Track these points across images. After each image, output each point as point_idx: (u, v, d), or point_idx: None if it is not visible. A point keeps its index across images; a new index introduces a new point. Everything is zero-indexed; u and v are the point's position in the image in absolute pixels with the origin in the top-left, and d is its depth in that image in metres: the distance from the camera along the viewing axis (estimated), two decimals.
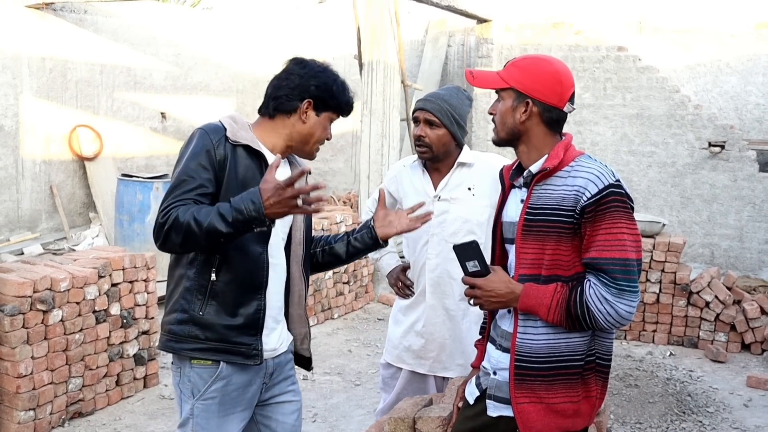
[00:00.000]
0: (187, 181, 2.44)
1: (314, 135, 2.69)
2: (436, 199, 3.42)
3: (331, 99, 2.67)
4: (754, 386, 6.04)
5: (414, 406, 3.02)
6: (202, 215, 2.32)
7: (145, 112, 11.27)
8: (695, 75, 12.31)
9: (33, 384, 4.65)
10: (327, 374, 6.04)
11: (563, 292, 2.27)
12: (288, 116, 2.66)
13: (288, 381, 2.82)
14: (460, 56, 13.02)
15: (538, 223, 2.31)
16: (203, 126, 2.59)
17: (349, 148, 12.98)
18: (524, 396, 2.32)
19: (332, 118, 2.72)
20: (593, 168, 2.28)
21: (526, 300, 2.31)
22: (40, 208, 10.07)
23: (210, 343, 2.55)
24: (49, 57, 9.97)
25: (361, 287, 8.12)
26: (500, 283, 2.34)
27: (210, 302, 2.55)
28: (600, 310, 2.22)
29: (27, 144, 9.82)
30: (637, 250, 2.25)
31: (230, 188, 2.50)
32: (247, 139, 2.57)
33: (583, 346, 2.32)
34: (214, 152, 2.50)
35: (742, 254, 10.12)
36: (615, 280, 2.21)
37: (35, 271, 4.84)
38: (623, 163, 10.65)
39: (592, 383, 2.35)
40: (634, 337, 7.23)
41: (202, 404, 2.58)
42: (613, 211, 2.22)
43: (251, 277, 2.57)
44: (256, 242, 2.56)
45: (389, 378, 3.67)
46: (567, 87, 2.35)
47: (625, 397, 5.63)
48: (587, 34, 10.86)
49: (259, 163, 2.59)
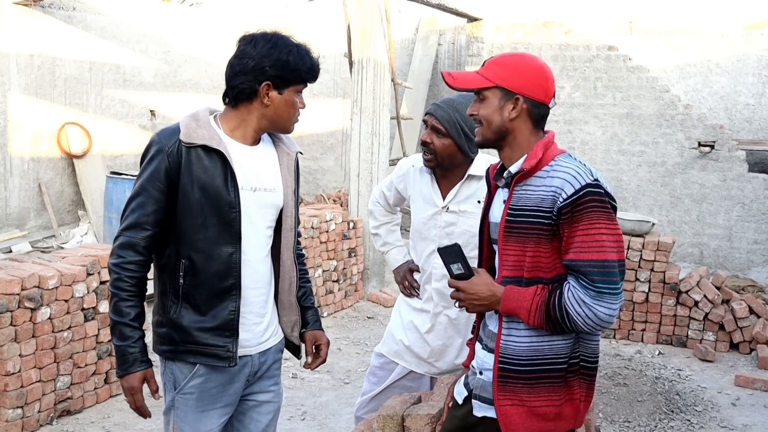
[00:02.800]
0: (140, 202, 2.50)
1: (282, 115, 2.60)
2: (445, 210, 3.36)
3: (290, 73, 2.55)
4: (742, 385, 6.06)
5: (403, 404, 3.01)
6: (118, 308, 2.50)
7: (135, 109, 11.23)
8: (685, 75, 12.36)
9: (21, 382, 4.62)
10: (316, 372, 6.02)
11: (543, 294, 2.24)
12: (250, 102, 2.58)
13: (271, 381, 2.79)
14: (450, 55, 13.03)
15: (518, 225, 2.28)
16: (159, 132, 2.57)
17: (339, 146, 12.97)
18: (507, 398, 2.30)
19: (298, 89, 2.60)
20: (570, 168, 2.24)
21: (507, 303, 2.29)
22: (29, 206, 10.02)
23: (185, 345, 2.56)
24: (38, 54, 9.92)
25: (350, 285, 8.11)
26: (482, 286, 2.33)
27: (183, 305, 2.55)
28: (578, 313, 2.18)
29: (15, 141, 9.77)
30: (618, 251, 2.20)
31: (187, 194, 2.50)
32: (204, 138, 2.50)
33: (567, 349, 2.29)
34: (168, 160, 2.48)
35: (731, 254, 10.16)
36: (593, 283, 2.17)
37: (23, 269, 4.81)
38: (613, 163, 10.68)
39: (576, 386, 2.32)
40: (623, 336, 7.24)
41: (182, 398, 2.61)
42: (591, 212, 2.18)
43: (221, 280, 2.54)
44: (225, 242, 2.53)
45: (378, 368, 3.62)
46: (551, 82, 2.34)
47: (614, 396, 5.64)
48: (578, 33, 10.88)
49: (221, 161, 2.52)
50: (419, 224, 3.45)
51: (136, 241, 2.49)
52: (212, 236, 2.51)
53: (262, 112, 2.58)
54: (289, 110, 2.60)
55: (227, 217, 2.52)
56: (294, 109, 2.61)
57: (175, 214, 2.52)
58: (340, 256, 7.90)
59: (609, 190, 2.25)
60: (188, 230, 2.51)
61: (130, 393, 2.53)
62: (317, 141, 13.17)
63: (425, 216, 3.42)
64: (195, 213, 2.50)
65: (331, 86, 13.07)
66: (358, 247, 8.19)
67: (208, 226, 2.51)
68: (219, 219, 2.51)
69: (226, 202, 2.51)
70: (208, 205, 2.50)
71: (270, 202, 2.66)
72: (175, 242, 2.54)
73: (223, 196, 2.50)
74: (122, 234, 2.51)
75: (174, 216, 2.52)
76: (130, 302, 2.50)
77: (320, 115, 13.01)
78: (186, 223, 2.51)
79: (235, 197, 2.52)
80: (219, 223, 2.52)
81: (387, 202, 3.72)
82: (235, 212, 2.53)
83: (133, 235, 2.49)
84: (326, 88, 13.07)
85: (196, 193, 2.49)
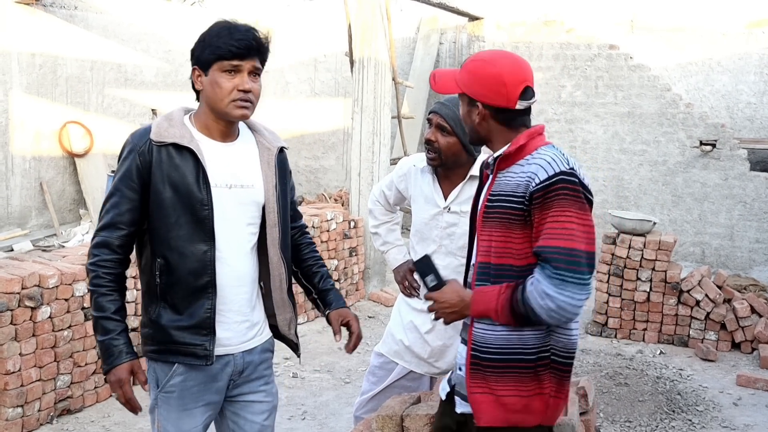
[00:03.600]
0: (114, 202, 2.51)
1: (212, 97, 2.50)
2: (446, 210, 3.35)
3: (207, 51, 2.48)
4: (744, 385, 6.05)
5: (402, 404, 3.01)
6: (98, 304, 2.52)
7: (136, 108, 11.23)
8: (687, 73, 12.34)
9: (21, 381, 4.62)
10: (317, 372, 6.03)
11: (507, 293, 2.23)
12: (198, 93, 2.59)
13: (261, 380, 2.76)
14: (451, 54, 13.00)
15: (495, 210, 2.29)
16: (133, 133, 2.58)
17: (341, 145, 12.96)
18: (477, 386, 2.30)
19: (224, 67, 2.47)
20: (547, 155, 2.25)
21: (475, 306, 2.29)
22: (30, 205, 10.03)
23: (164, 345, 2.57)
24: (39, 53, 9.92)
25: (351, 285, 8.11)
26: (451, 293, 2.35)
27: (161, 304, 2.56)
28: (541, 306, 2.16)
29: (17, 140, 9.77)
30: (587, 242, 2.18)
31: (158, 192, 2.50)
32: (175, 137, 2.49)
33: (536, 341, 2.27)
34: (139, 159, 2.49)
35: (733, 253, 10.14)
36: (557, 270, 2.14)
37: (23, 268, 4.81)
38: (614, 162, 10.67)
39: (546, 380, 2.29)
40: (625, 335, 7.24)
41: (164, 396, 2.61)
42: (561, 199, 2.17)
43: (195, 278, 2.52)
44: (199, 240, 2.52)
45: (377, 368, 3.62)
46: (513, 86, 2.30)
47: (615, 396, 5.63)
48: (579, 32, 10.86)
49: (193, 159, 2.50)
50: (420, 224, 3.44)
51: (110, 240, 2.51)
52: (185, 234, 2.50)
53: (204, 100, 2.56)
54: (215, 90, 2.49)
55: (199, 215, 2.50)
56: (221, 89, 2.48)
57: (149, 214, 2.53)
58: (341, 255, 7.89)
59: (585, 182, 2.25)
60: (161, 229, 2.51)
61: (118, 386, 2.51)
62: (318, 140, 13.17)
63: (426, 216, 3.41)
64: (167, 212, 2.50)
65: (332, 85, 13.06)
66: (359, 247, 8.19)
67: (180, 224, 2.50)
68: (191, 217, 2.50)
69: (198, 200, 2.49)
70: (180, 203, 2.49)
71: (249, 199, 2.63)
72: (151, 242, 2.55)
73: (194, 193, 2.49)
74: (98, 234, 2.53)
75: (149, 216, 2.53)
76: (110, 296, 2.52)
77: (321, 114, 13.02)
78: (159, 222, 2.51)
79: (206, 195, 2.50)
80: (192, 221, 2.50)
81: (387, 201, 3.70)
82: (207, 210, 2.50)
83: (107, 235, 2.51)
84: (327, 87, 13.07)
85: (167, 191, 2.49)
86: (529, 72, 2.35)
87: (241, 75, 2.50)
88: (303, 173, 13.29)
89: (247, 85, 2.50)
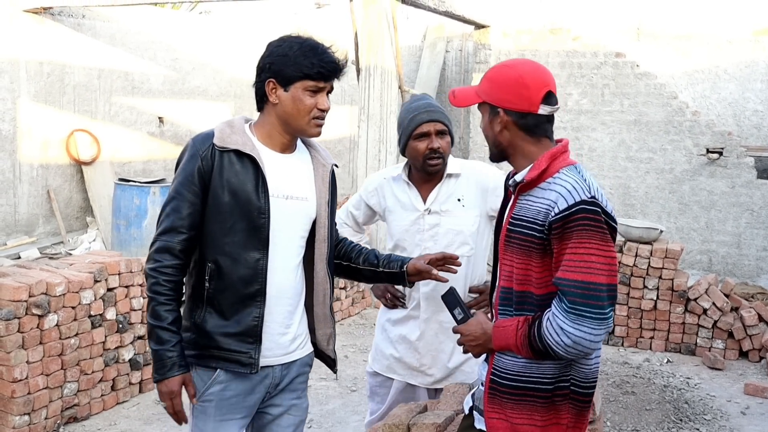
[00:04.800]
0: (175, 206, 2.51)
1: (292, 113, 2.55)
2: (427, 212, 3.34)
3: (291, 68, 2.50)
4: (752, 394, 6.02)
5: (408, 413, 3.00)
6: (156, 312, 2.48)
7: (143, 116, 11.26)
8: (693, 81, 12.33)
9: (28, 388, 4.63)
10: (323, 380, 6.02)
11: (524, 329, 2.19)
12: (266, 103, 2.59)
13: (294, 394, 2.74)
14: (458, 62, 13.03)
15: (516, 235, 2.23)
16: (195, 136, 2.59)
17: (347, 153, 12.98)
18: (494, 411, 2.27)
19: (308, 86, 2.53)
20: (569, 181, 2.15)
21: (496, 341, 2.27)
22: (38, 213, 10.05)
23: (207, 350, 2.55)
24: (47, 61, 9.96)
25: (357, 292, 8.11)
26: (476, 326, 2.34)
27: (207, 309, 2.54)
28: (558, 343, 2.10)
29: (24, 148, 9.80)
30: (609, 274, 2.09)
31: (217, 197, 2.51)
32: (237, 144, 2.52)
33: (554, 371, 2.21)
34: (202, 163, 2.50)
35: (740, 261, 10.11)
36: (574, 305, 2.07)
37: (31, 276, 4.82)
38: (621, 170, 10.66)
39: (564, 410, 2.23)
40: (632, 343, 7.22)
41: (200, 406, 2.58)
42: (582, 230, 2.09)
43: (246, 285, 2.52)
44: (252, 248, 2.52)
45: (377, 386, 3.60)
46: (536, 89, 2.23)
47: (622, 404, 5.61)
48: (585, 40, 10.86)
49: (253, 167, 2.52)
50: (401, 233, 3.41)
51: (172, 245, 2.49)
52: (240, 240, 2.51)
53: (276, 113, 2.57)
54: (297, 107, 2.54)
55: (256, 223, 2.51)
56: (303, 106, 2.54)
57: (204, 218, 2.53)
58: None
59: (608, 209, 2.16)
60: (216, 233, 2.52)
61: (168, 397, 2.49)
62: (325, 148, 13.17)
63: (407, 223, 3.39)
64: (224, 216, 2.51)
65: (339, 93, 13.08)
66: None
67: (236, 230, 2.51)
68: (248, 224, 2.51)
69: (256, 208, 2.51)
70: (237, 209, 2.50)
71: (302, 212, 2.64)
72: (202, 245, 2.55)
73: (253, 201, 2.50)
74: (158, 239, 2.52)
75: (203, 219, 2.53)
76: (168, 306, 2.48)
77: (328, 122, 12.92)
78: (214, 226, 2.52)
79: (264, 203, 2.52)
80: (247, 228, 2.51)
81: (355, 222, 3.68)
82: (264, 218, 2.52)
83: (169, 239, 2.49)
84: (333, 95, 12.94)
85: (226, 196, 2.49)
86: (550, 77, 2.29)
87: (321, 94, 2.58)
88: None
89: (327, 104, 2.59)
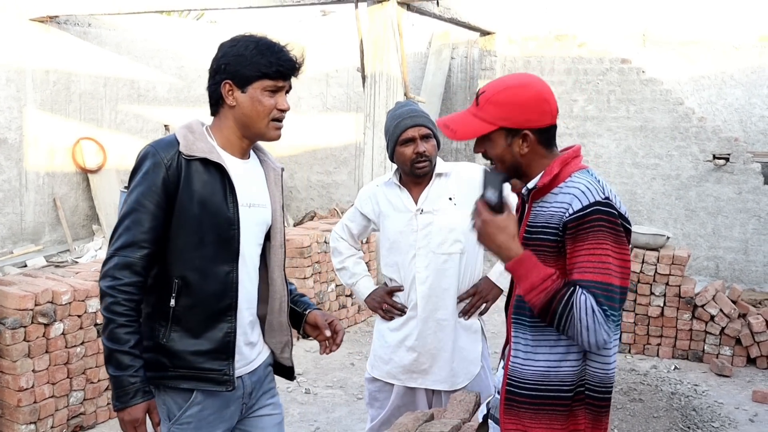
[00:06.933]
0: (136, 219, 2.32)
1: (251, 115, 2.41)
2: (419, 212, 3.39)
3: (247, 67, 2.38)
4: (760, 401, 5.99)
5: (415, 421, 2.99)
6: (115, 335, 2.28)
7: (149, 124, 11.29)
8: (699, 87, 12.30)
9: (34, 397, 4.63)
10: (329, 388, 6.01)
11: (558, 282, 2.07)
12: (222, 107, 2.45)
13: (267, 395, 2.66)
14: (463, 68, 13.02)
15: (532, 243, 2.18)
16: (154, 143, 2.42)
17: (353, 160, 12.97)
18: (511, 422, 2.22)
19: (267, 86, 2.41)
20: (583, 183, 2.12)
21: (517, 266, 2.12)
22: (44, 221, 10.08)
23: (178, 371, 2.41)
24: (53, 70, 9.99)
25: None
26: (500, 231, 2.14)
27: (173, 328, 2.39)
28: (580, 319, 2.02)
29: (31, 156, 9.83)
30: (622, 277, 2.07)
31: (184, 209, 2.36)
32: (204, 151, 2.38)
33: (574, 376, 2.17)
34: (167, 173, 2.34)
35: (747, 267, 10.08)
36: (600, 306, 2.03)
37: (36, 284, 4.83)
38: (627, 176, 10.64)
39: (581, 416, 2.18)
40: (639, 350, 7.19)
41: (178, 428, 2.45)
42: (597, 231, 2.05)
43: (218, 300, 2.41)
44: (222, 261, 2.40)
45: (377, 392, 3.60)
46: (553, 100, 2.21)
47: (630, 412, 5.58)
48: (591, 46, 10.86)
49: (220, 176, 2.39)
50: (395, 235, 3.46)
51: (133, 261, 2.30)
52: (209, 254, 2.38)
53: (233, 115, 2.44)
54: (255, 108, 2.40)
55: (226, 234, 2.40)
56: (262, 107, 2.40)
57: (169, 231, 2.37)
58: None
59: (622, 211, 2.14)
60: (184, 248, 2.37)
61: (131, 426, 2.31)
62: (330, 155, 13.19)
63: (401, 225, 3.44)
64: (193, 229, 2.36)
65: (344, 100, 13.10)
66: (371, 262, 8.17)
67: (205, 243, 2.37)
68: (218, 236, 2.39)
69: (225, 219, 2.39)
70: (206, 221, 2.37)
71: (261, 219, 2.55)
72: (166, 261, 2.39)
73: (222, 212, 2.39)
74: (116, 253, 2.32)
75: (168, 233, 2.37)
76: (129, 328, 2.29)
77: (333, 129, 13.04)
78: (181, 240, 2.37)
79: (234, 214, 2.41)
80: (217, 240, 2.39)
81: (351, 235, 3.72)
82: (234, 229, 2.41)
83: (129, 254, 2.30)
84: (339, 102, 13.10)
85: (194, 208, 2.36)
86: None
87: (280, 94, 2.45)
88: (315, 188, 13.31)
89: (286, 105, 2.45)
